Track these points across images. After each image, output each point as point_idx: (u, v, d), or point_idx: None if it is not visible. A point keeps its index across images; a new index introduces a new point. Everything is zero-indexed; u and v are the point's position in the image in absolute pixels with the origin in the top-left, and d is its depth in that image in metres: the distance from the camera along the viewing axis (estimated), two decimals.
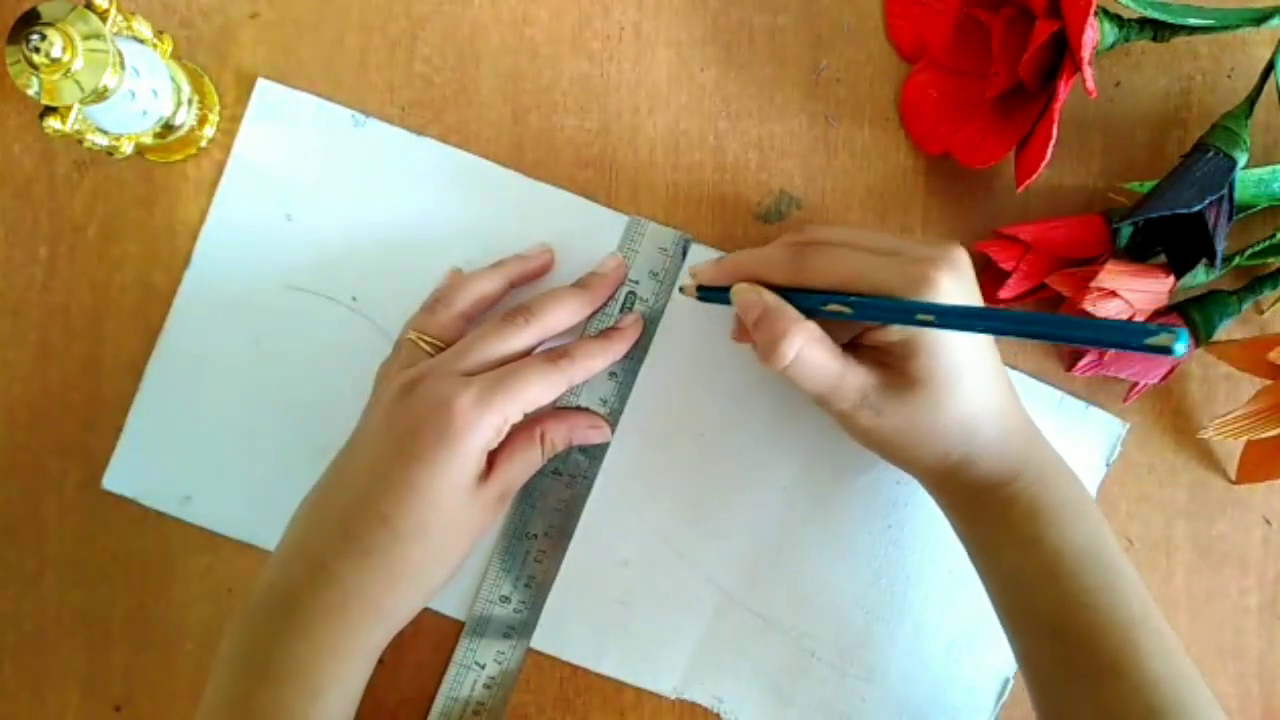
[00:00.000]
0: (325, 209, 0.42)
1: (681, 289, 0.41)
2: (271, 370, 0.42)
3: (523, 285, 0.42)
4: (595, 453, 0.42)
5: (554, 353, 0.39)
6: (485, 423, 0.36)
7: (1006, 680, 0.42)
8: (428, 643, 0.43)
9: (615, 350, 0.41)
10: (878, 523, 0.43)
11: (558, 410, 0.42)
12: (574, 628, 0.42)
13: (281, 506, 0.42)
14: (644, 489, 0.43)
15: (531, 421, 0.40)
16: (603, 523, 0.42)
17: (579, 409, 0.42)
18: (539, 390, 0.37)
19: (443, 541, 0.37)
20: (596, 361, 0.40)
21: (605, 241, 0.43)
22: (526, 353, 0.39)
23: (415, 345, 0.39)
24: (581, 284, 0.41)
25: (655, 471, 0.43)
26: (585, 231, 0.43)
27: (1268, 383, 0.40)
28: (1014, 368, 0.43)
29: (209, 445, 0.43)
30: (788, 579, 0.43)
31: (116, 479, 0.43)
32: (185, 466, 0.43)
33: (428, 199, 0.43)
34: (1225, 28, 0.39)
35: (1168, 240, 0.40)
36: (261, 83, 0.42)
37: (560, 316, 0.40)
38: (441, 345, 0.39)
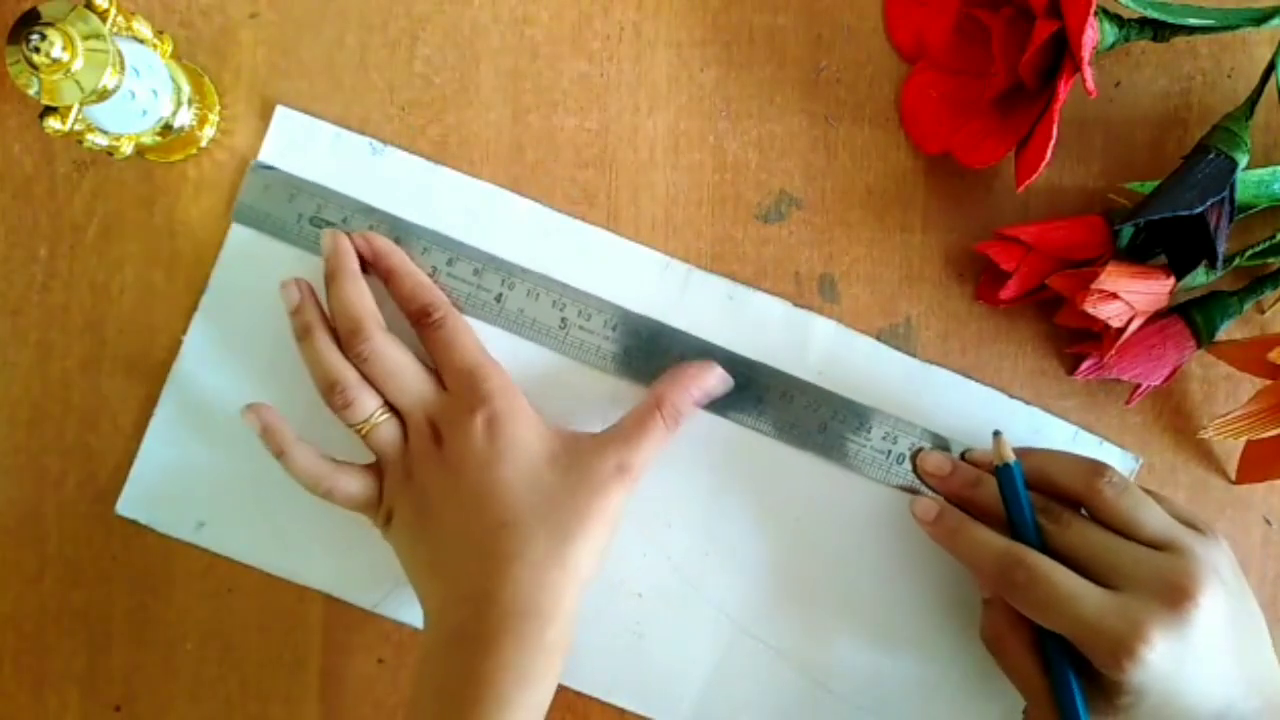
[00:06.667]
0: None
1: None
2: (286, 396, 0.41)
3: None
4: None
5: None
6: (630, 490, 0.39)
7: (1018, 716, 0.41)
8: None
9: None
10: (891, 557, 0.42)
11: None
12: (586, 658, 0.42)
13: (297, 532, 0.42)
14: (656, 521, 0.42)
15: (649, 402, 0.40)
16: (616, 554, 0.41)
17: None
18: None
19: (591, 541, 0.38)
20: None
21: (622, 268, 0.42)
22: None
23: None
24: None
25: (668, 503, 0.42)
26: (605, 261, 0.43)
27: (1268, 383, 0.40)
28: (1016, 397, 0.43)
29: (223, 471, 0.42)
30: (799, 611, 0.43)
31: (130, 505, 0.42)
32: (199, 493, 0.43)
33: (444, 227, 0.42)
34: (1225, 28, 0.39)
35: (1168, 241, 0.40)
36: (280, 110, 0.42)
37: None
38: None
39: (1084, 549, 0.36)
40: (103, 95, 0.35)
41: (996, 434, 0.39)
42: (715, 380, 0.41)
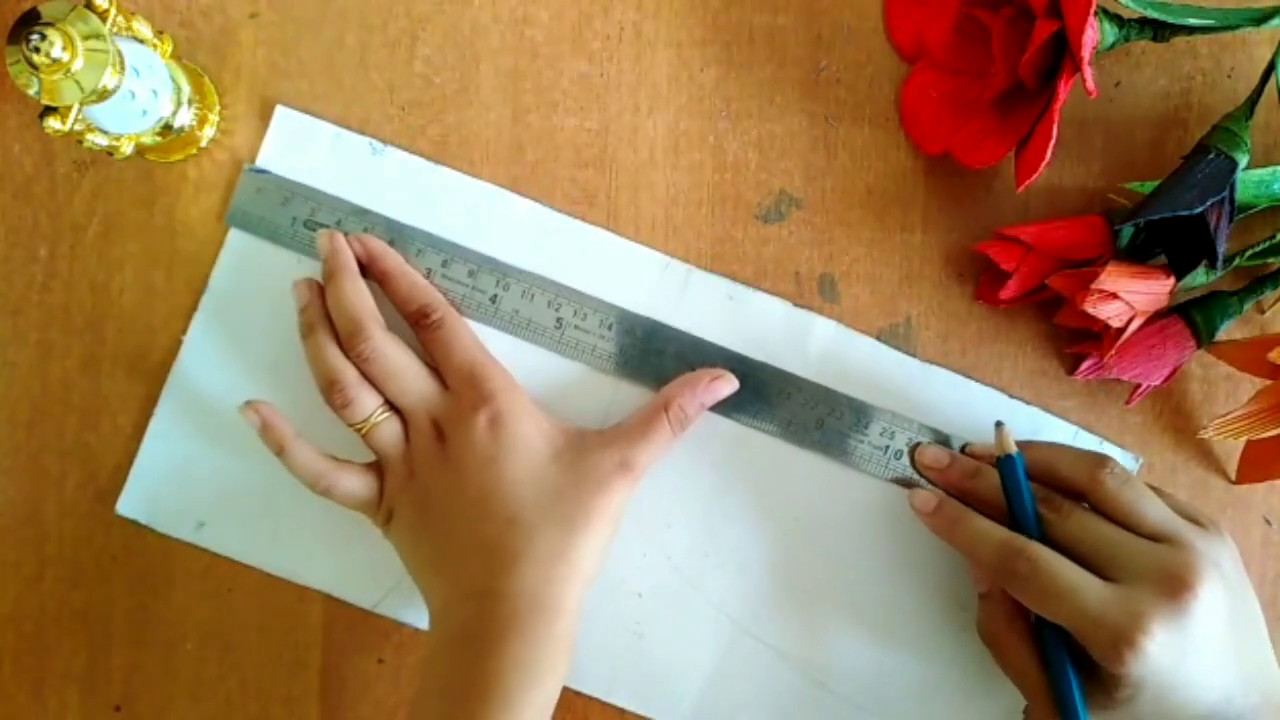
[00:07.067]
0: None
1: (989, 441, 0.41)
2: (288, 396, 0.41)
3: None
4: None
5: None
6: (632, 489, 0.40)
7: (1018, 716, 0.41)
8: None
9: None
10: (891, 556, 0.42)
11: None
12: (586, 658, 0.42)
13: (297, 532, 0.42)
14: (657, 521, 0.42)
15: (657, 403, 0.40)
16: (616, 554, 0.41)
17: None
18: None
19: (595, 537, 0.39)
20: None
21: (622, 269, 0.42)
22: None
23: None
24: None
25: (668, 503, 0.42)
26: (605, 262, 0.43)
27: (1268, 383, 0.40)
28: (1016, 397, 0.43)
29: (223, 471, 0.42)
30: (799, 611, 0.43)
31: (130, 505, 0.42)
32: (199, 493, 0.42)
33: (444, 227, 0.42)
34: (1225, 28, 0.39)
35: (1168, 241, 0.40)
36: (280, 110, 0.42)
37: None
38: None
39: (1085, 540, 0.36)
40: (103, 95, 0.35)
41: (999, 424, 0.39)
42: (728, 391, 0.41)
